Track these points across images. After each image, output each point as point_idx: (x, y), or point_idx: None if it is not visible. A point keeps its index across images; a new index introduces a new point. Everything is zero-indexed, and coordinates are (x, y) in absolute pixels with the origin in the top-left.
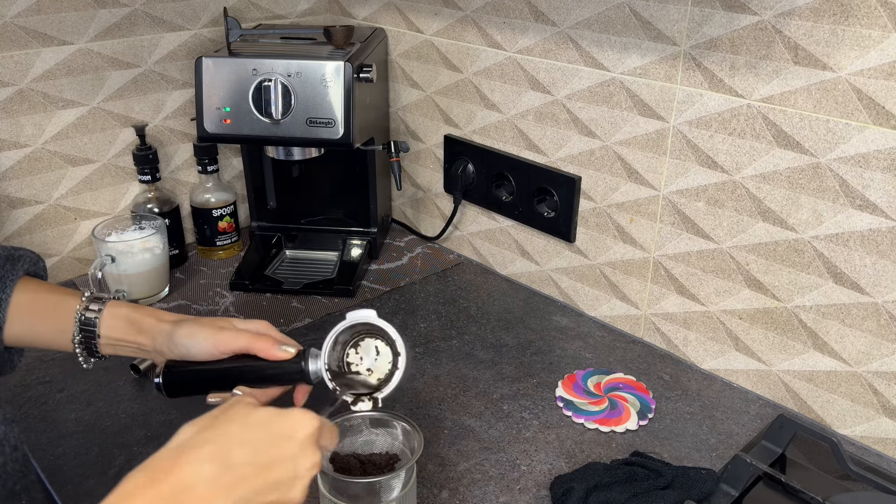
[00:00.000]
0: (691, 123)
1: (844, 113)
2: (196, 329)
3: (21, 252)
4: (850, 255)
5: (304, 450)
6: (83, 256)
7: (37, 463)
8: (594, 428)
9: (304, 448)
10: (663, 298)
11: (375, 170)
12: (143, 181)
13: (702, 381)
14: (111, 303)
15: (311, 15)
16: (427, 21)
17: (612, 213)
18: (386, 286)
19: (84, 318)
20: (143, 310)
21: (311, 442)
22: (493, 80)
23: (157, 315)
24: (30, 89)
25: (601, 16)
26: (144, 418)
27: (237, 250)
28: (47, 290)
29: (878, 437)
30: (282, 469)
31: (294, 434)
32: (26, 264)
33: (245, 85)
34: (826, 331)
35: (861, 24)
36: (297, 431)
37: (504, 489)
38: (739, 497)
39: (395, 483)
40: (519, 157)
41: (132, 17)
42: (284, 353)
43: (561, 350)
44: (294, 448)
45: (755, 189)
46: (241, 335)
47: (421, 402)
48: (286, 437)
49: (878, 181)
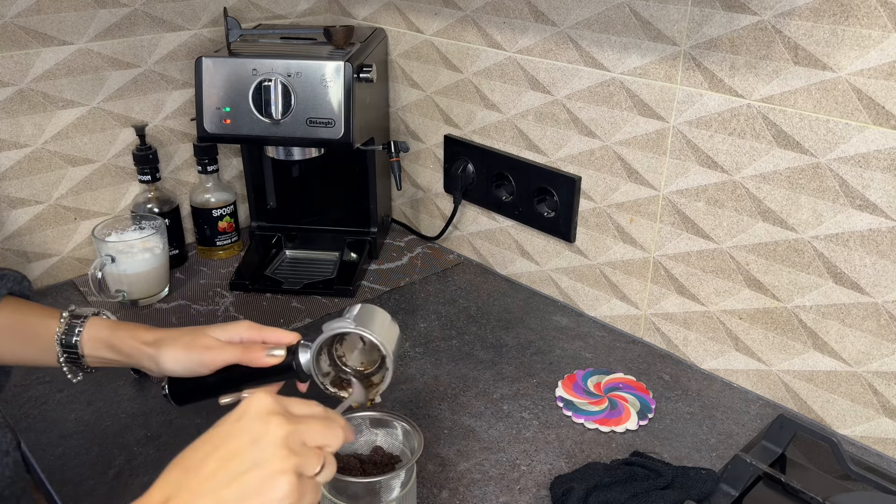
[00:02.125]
0: (691, 123)
1: (844, 113)
2: (180, 354)
3: (4, 272)
4: (850, 255)
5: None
6: (83, 256)
7: (37, 463)
8: (594, 428)
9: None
10: (663, 298)
11: (375, 170)
12: (143, 181)
13: (702, 381)
14: (90, 323)
15: (311, 15)
16: (427, 21)
17: (612, 213)
18: (386, 286)
19: (64, 341)
20: (120, 331)
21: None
22: (493, 80)
23: (136, 335)
24: (30, 89)
25: (601, 16)
26: (144, 418)
27: (237, 250)
28: (28, 311)
29: (878, 437)
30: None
31: (245, 412)
32: (10, 283)
33: (245, 85)
34: (826, 331)
35: (861, 24)
36: (247, 410)
37: (504, 489)
38: (739, 497)
39: (395, 483)
40: (519, 157)
41: (132, 17)
42: (273, 359)
43: (561, 350)
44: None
45: (755, 189)
46: (228, 350)
47: (421, 402)
48: (236, 418)
49: (878, 181)
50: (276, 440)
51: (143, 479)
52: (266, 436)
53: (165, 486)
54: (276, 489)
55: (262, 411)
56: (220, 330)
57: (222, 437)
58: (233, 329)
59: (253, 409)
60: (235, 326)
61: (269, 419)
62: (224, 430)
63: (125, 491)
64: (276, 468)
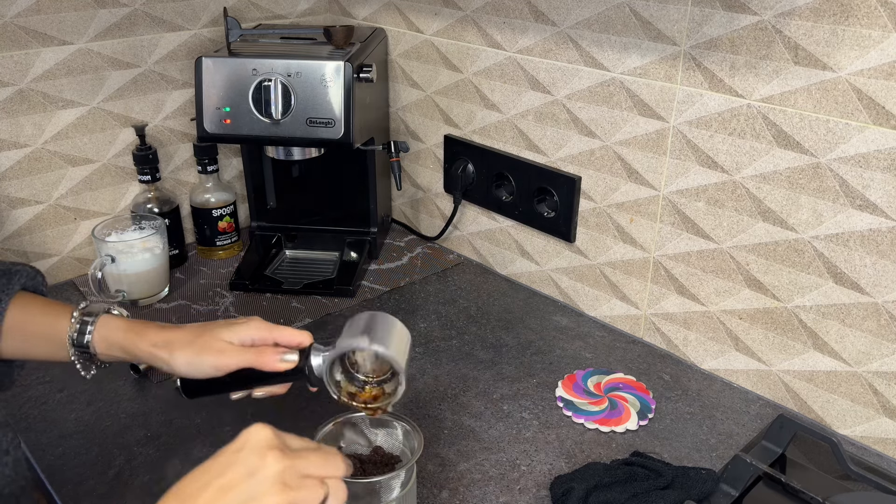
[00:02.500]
0: (691, 123)
1: (844, 113)
2: (193, 358)
3: (18, 267)
4: (850, 255)
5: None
6: (83, 256)
7: (37, 463)
8: (594, 428)
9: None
10: (663, 298)
11: (375, 170)
12: (143, 181)
13: (702, 381)
14: (101, 323)
15: (311, 15)
16: (427, 21)
17: (612, 213)
18: (386, 286)
19: (76, 340)
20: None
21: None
22: (493, 80)
23: (147, 337)
24: (30, 89)
25: (601, 16)
26: (144, 418)
27: (237, 250)
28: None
29: (878, 437)
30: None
31: (244, 444)
32: (23, 279)
33: (245, 85)
34: (826, 331)
35: (861, 24)
36: (247, 442)
37: (504, 489)
38: (739, 497)
39: (395, 483)
40: (519, 157)
41: (132, 17)
42: (286, 364)
43: (561, 350)
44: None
45: (755, 189)
46: (241, 355)
47: (421, 402)
48: (236, 450)
49: (878, 181)
50: (272, 475)
51: (142, 478)
52: (263, 469)
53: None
54: None
55: (260, 445)
56: (232, 332)
57: (220, 468)
58: (244, 331)
59: (252, 442)
60: (247, 328)
61: (267, 454)
62: (222, 462)
63: (125, 491)
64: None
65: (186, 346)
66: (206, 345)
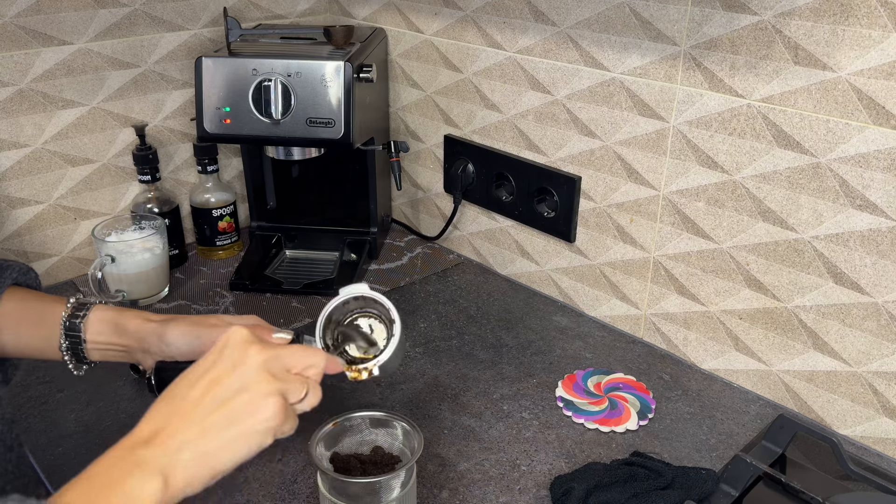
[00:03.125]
0: (691, 123)
1: (844, 113)
2: (188, 328)
3: (9, 263)
4: (850, 255)
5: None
6: (83, 256)
7: (37, 463)
8: (594, 428)
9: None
10: (663, 298)
11: (375, 170)
12: (143, 181)
13: (702, 382)
14: (97, 307)
15: (311, 15)
16: (427, 21)
17: (612, 213)
18: (386, 286)
19: (69, 324)
20: (129, 312)
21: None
22: (493, 80)
23: (144, 315)
24: (30, 89)
25: (601, 16)
26: None
27: (237, 250)
28: (34, 298)
29: (878, 437)
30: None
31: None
32: (14, 273)
33: (245, 85)
34: (826, 331)
35: (861, 24)
36: (228, 341)
37: (504, 489)
38: (739, 497)
39: (395, 483)
40: (519, 157)
41: (132, 17)
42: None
43: (561, 350)
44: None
45: (755, 189)
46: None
47: (421, 402)
48: (218, 350)
49: (878, 181)
50: (257, 364)
51: None
52: (247, 360)
53: (153, 418)
54: (263, 410)
55: (241, 341)
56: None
57: (206, 366)
58: (239, 319)
59: (233, 340)
60: (242, 318)
61: (248, 347)
62: (207, 361)
63: None
64: (262, 391)
65: (181, 319)
66: (202, 320)
